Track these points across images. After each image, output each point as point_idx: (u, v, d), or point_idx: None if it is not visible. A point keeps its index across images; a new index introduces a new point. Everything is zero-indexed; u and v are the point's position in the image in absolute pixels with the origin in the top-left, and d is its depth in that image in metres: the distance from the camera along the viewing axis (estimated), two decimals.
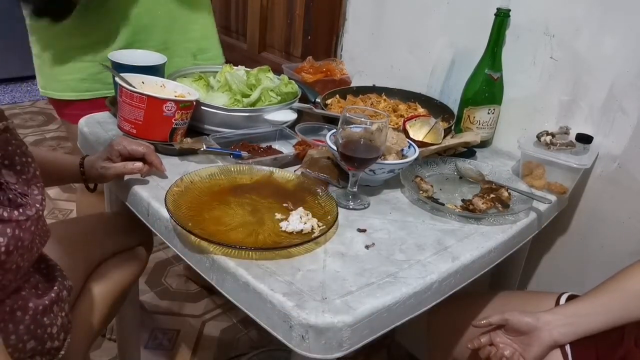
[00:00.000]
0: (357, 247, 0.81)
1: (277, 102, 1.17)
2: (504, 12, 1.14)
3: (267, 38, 2.07)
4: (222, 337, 1.63)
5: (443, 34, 1.37)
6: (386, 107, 1.31)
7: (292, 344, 0.66)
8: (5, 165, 0.68)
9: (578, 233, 1.21)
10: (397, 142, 0.99)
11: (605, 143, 1.12)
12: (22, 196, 0.66)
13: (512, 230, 0.91)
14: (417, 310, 0.75)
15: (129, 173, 0.92)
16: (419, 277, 0.75)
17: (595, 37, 1.09)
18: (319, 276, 0.72)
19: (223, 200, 0.87)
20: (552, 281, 1.29)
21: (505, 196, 0.96)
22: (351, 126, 0.86)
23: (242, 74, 1.20)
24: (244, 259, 0.74)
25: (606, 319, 0.87)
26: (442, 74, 1.40)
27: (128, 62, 1.09)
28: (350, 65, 1.60)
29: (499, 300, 1.05)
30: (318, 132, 1.15)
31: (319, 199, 0.89)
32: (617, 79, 1.08)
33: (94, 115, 1.17)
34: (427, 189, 0.96)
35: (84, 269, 0.99)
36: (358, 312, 0.66)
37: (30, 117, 2.99)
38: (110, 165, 0.91)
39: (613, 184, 1.12)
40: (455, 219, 0.92)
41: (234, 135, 1.09)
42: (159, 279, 1.85)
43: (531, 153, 1.03)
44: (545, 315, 0.89)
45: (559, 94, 1.17)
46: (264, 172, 0.95)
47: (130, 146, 0.91)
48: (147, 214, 0.89)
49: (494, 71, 1.15)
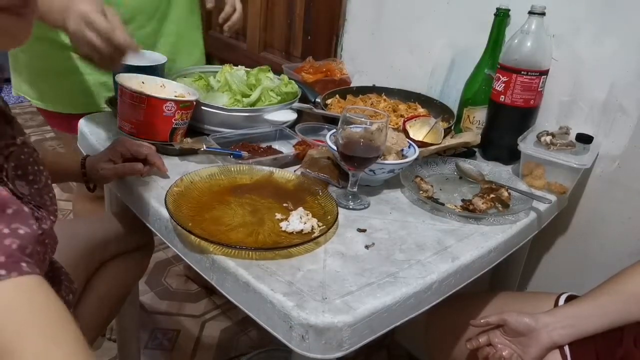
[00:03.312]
0: (357, 247, 0.81)
1: (277, 102, 1.17)
2: (504, 12, 1.14)
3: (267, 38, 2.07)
4: (222, 337, 1.63)
5: (443, 34, 1.37)
6: (386, 107, 1.31)
7: (292, 344, 0.66)
8: (19, 175, 0.66)
9: (578, 233, 1.21)
10: (397, 142, 0.99)
11: (605, 143, 1.12)
12: (37, 209, 0.64)
13: (512, 230, 0.91)
14: (417, 310, 0.75)
15: (130, 174, 0.92)
16: (419, 277, 0.75)
17: (595, 37, 1.09)
18: (319, 276, 0.72)
19: (223, 200, 0.87)
20: (552, 281, 1.29)
21: (505, 196, 0.96)
22: (351, 126, 0.86)
23: (242, 74, 1.20)
24: (244, 259, 0.74)
25: (605, 320, 0.87)
26: (442, 74, 1.40)
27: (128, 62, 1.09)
28: (350, 65, 1.60)
29: (498, 300, 1.05)
30: (318, 132, 1.15)
31: (319, 199, 0.89)
32: (617, 79, 1.08)
33: (93, 115, 1.17)
34: (427, 189, 0.96)
35: (84, 270, 0.99)
36: (358, 312, 0.66)
37: (31, 117, 2.99)
38: (112, 167, 0.91)
39: (613, 184, 1.12)
40: (455, 219, 0.92)
41: (234, 135, 1.09)
42: (159, 279, 1.85)
43: (531, 153, 1.03)
44: (544, 317, 0.89)
45: (559, 94, 1.17)
46: (264, 172, 0.95)
47: (133, 147, 0.91)
48: (147, 214, 0.89)
49: (493, 71, 1.15)
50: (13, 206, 0.42)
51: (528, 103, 1.10)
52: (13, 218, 0.42)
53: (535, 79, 1.07)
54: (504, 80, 1.09)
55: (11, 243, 0.41)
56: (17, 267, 0.40)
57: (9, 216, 0.42)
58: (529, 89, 1.08)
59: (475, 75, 1.21)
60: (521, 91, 1.08)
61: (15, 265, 0.40)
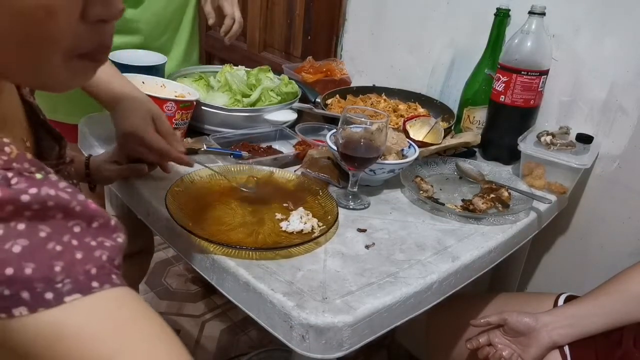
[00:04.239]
0: (357, 247, 0.81)
1: (277, 102, 1.17)
2: (504, 12, 1.14)
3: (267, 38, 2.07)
4: (222, 337, 1.63)
5: (443, 34, 1.37)
6: (386, 107, 1.31)
7: (292, 344, 0.66)
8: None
9: (578, 233, 1.21)
10: (397, 142, 0.99)
11: (605, 143, 1.12)
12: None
13: (512, 230, 0.91)
14: (417, 310, 0.75)
15: (134, 176, 0.92)
16: (419, 277, 0.75)
17: (595, 37, 1.09)
18: (319, 276, 0.72)
19: (223, 200, 0.87)
20: (552, 281, 1.29)
21: (505, 196, 0.96)
22: (351, 126, 0.86)
23: (242, 74, 1.20)
24: (244, 259, 0.74)
25: (605, 321, 0.88)
26: (442, 74, 1.40)
27: (128, 62, 1.09)
28: (350, 65, 1.60)
29: (498, 300, 1.05)
30: (318, 132, 1.15)
31: (319, 199, 0.89)
32: (617, 79, 1.08)
33: (93, 115, 1.17)
34: (427, 189, 0.96)
35: None
36: (358, 312, 0.66)
37: None
38: (117, 168, 0.91)
39: (613, 184, 1.12)
40: (455, 219, 0.92)
41: (234, 135, 1.09)
42: (159, 279, 1.85)
43: (531, 153, 1.03)
44: (544, 316, 0.89)
45: (559, 94, 1.17)
46: (264, 172, 0.95)
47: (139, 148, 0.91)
48: (147, 214, 0.89)
49: (493, 71, 1.15)
50: (100, 219, 0.42)
51: (528, 103, 1.10)
52: (99, 231, 0.42)
53: (535, 79, 1.07)
54: (504, 80, 1.09)
55: (101, 255, 0.41)
56: (108, 279, 0.40)
57: (95, 229, 0.41)
58: (529, 89, 1.08)
59: (475, 75, 1.21)
60: (521, 91, 1.08)
61: (106, 277, 0.40)
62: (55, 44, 0.40)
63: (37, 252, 0.37)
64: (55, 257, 0.38)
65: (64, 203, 0.40)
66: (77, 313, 0.38)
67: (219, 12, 1.26)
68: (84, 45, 0.42)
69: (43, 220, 0.38)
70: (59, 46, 0.41)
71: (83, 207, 0.41)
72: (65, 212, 0.40)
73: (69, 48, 0.41)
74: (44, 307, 0.36)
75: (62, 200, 0.39)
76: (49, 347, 0.37)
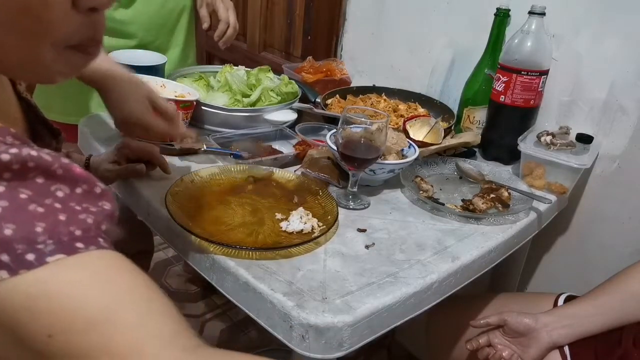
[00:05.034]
0: (357, 247, 0.81)
1: (277, 102, 1.17)
2: (504, 12, 1.14)
3: (267, 38, 2.07)
4: (222, 337, 1.63)
5: (443, 34, 1.37)
6: (386, 107, 1.31)
7: (292, 344, 0.66)
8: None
9: (578, 233, 1.21)
10: (397, 142, 0.99)
11: (605, 143, 1.12)
12: None
13: (512, 230, 0.91)
14: (417, 310, 0.75)
15: (133, 176, 0.92)
16: (419, 277, 0.75)
17: (595, 37, 1.09)
18: (319, 276, 0.72)
19: (223, 200, 0.87)
20: (552, 281, 1.29)
21: (505, 196, 0.96)
22: (351, 126, 0.86)
23: (242, 74, 1.20)
24: (244, 259, 0.74)
25: (605, 321, 0.87)
26: (442, 74, 1.40)
27: (128, 62, 1.09)
28: (350, 65, 1.60)
29: (497, 301, 1.05)
30: (318, 132, 1.14)
31: (319, 199, 0.89)
32: (617, 79, 1.08)
33: (93, 115, 1.17)
34: (427, 189, 0.96)
35: None
36: (358, 312, 0.66)
37: None
38: (116, 168, 0.91)
39: (613, 184, 1.12)
40: (455, 219, 0.92)
41: (234, 135, 1.09)
42: (159, 279, 1.85)
43: (531, 153, 1.03)
44: (544, 317, 0.89)
45: (559, 94, 1.17)
46: (264, 172, 0.95)
47: (138, 149, 0.91)
48: (147, 214, 0.89)
49: (493, 71, 1.15)
50: (84, 185, 0.41)
51: (528, 103, 1.10)
52: (84, 197, 0.40)
53: (535, 79, 1.07)
54: (504, 80, 1.09)
55: (86, 217, 0.39)
56: (94, 241, 0.38)
57: (79, 195, 0.40)
58: (529, 89, 1.08)
59: (475, 75, 1.21)
60: (521, 91, 1.08)
61: (92, 239, 0.38)
62: (49, 33, 0.40)
63: (17, 214, 0.35)
64: (36, 217, 0.36)
65: (46, 165, 0.38)
66: (62, 272, 0.36)
67: (214, 16, 1.26)
68: (75, 36, 0.42)
69: (23, 182, 0.37)
70: (52, 35, 0.40)
71: (66, 170, 0.39)
72: (46, 175, 0.38)
73: (61, 38, 0.41)
74: (25, 268, 0.35)
75: (43, 162, 0.38)
76: (35, 310, 0.35)
